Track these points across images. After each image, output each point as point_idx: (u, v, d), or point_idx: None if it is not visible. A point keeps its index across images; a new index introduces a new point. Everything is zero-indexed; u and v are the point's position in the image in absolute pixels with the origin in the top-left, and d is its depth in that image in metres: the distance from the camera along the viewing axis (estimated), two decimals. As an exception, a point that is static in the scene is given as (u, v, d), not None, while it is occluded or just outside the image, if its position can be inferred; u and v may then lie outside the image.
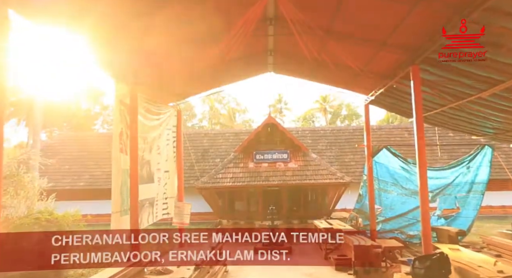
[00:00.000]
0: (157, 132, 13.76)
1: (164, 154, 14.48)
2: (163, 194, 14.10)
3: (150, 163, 13.16)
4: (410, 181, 15.20)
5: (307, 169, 18.12)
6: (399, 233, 15.13)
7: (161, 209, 13.82)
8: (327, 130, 28.21)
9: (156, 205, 13.53)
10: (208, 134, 28.28)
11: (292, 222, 17.93)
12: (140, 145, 12.11)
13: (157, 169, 13.73)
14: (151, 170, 13.28)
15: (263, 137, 18.83)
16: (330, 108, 53.87)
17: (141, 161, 12.30)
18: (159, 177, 13.89)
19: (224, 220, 18.06)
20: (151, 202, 13.01)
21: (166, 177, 14.31)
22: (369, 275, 9.22)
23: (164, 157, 14.40)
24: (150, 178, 13.09)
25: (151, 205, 13.08)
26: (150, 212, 12.89)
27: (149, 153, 13.10)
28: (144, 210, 12.24)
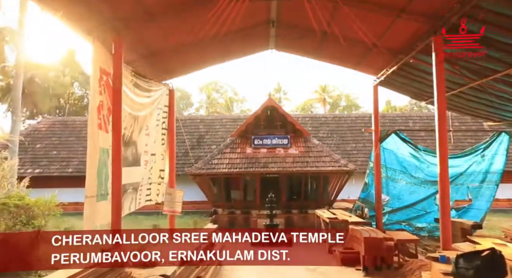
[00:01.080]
0: (148, 111, 12.56)
1: (153, 135, 13.30)
2: (148, 179, 12.96)
3: (137, 144, 11.98)
4: (420, 169, 14.13)
5: (308, 156, 16.98)
6: (407, 225, 14.09)
7: (144, 195, 12.67)
8: (328, 118, 27.11)
9: (141, 190, 12.39)
10: (204, 120, 27.16)
11: (292, 211, 16.82)
12: (129, 123, 10.94)
13: (144, 151, 12.55)
14: (138, 151, 12.11)
15: (262, 121, 17.63)
16: (329, 99, 53.20)
17: (127, 140, 11.13)
18: (146, 160, 12.72)
19: (219, 209, 16.93)
20: (135, 187, 11.86)
21: (152, 161, 13.16)
22: (380, 272, 8.12)
23: (152, 139, 13.22)
24: (136, 160, 11.91)
25: (135, 191, 11.93)
26: (134, 198, 11.75)
27: (138, 133, 11.92)
28: (127, 195, 11.08)
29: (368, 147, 24.42)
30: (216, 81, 58.84)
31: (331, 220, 11.17)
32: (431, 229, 13.92)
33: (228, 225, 16.65)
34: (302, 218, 16.69)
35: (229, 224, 16.68)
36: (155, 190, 13.36)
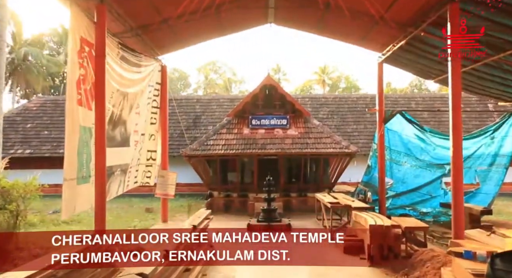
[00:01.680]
0: (139, 88, 11.78)
1: (144, 114, 12.54)
2: (137, 160, 12.24)
3: (127, 124, 11.23)
4: (425, 152, 13.44)
5: (308, 137, 16.25)
6: (411, 210, 13.46)
7: (133, 177, 11.97)
8: (329, 98, 26.29)
9: (130, 172, 11.68)
10: (200, 100, 26.33)
11: (291, 195, 16.16)
12: (117, 101, 10.17)
13: (134, 130, 11.81)
14: (127, 131, 11.37)
15: (261, 101, 16.83)
16: (328, 80, 52.55)
17: (116, 119, 10.39)
18: (136, 140, 11.99)
19: (215, 192, 16.27)
20: (124, 169, 11.14)
21: (141, 141, 12.43)
22: (387, 262, 7.46)
23: (143, 118, 12.47)
24: (125, 140, 11.18)
25: (124, 173, 11.22)
26: (122, 181, 11.04)
27: (128, 111, 11.16)
28: (115, 178, 10.38)
29: (370, 128, 23.70)
30: (214, 62, 58.18)
31: (332, 204, 10.50)
32: (436, 214, 13.29)
33: (224, 208, 16.02)
34: (301, 201, 16.04)
35: (225, 207, 16.04)
36: (142, 172, 12.65)
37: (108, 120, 10.07)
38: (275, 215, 12.07)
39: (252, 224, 11.56)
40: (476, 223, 10.95)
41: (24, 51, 34.72)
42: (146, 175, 13.10)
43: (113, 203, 18.68)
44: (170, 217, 14.79)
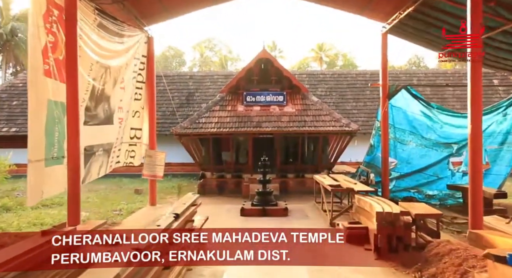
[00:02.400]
0: (123, 61, 10.76)
1: (129, 89, 11.56)
2: (121, 139, 11.32)
3: (111, 99, 10.26)
4: (432, 130, 12.56)
5: (306, 114, 15.31)
6: (416, 192, 12.66)
7: (116, 157, 11.07)
8: (327, 75, 25.24)
9: (114, 152, 10.76)
10: (194, 77, 25.21)
11: (287, 175, 15.32)
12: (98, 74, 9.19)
13: (118, 107, 10.84)
14: (111, 108, 10.40)
15: (256, 76, 15.80)
16: (326, 58, 51.65)
17: (98, 94, 9.42)
18: (121, 118, 11.04)
19: (207, 172, 15.40)
20: (107, 148, 10.23)
21: (126, 118, 11.49)
22: (396, 255, 6.63)
23: (128, 93, 11.49)
24: (108, 118, 10.24)
25: (107, 153, 10.30)
26: (105, 161, 10.13)
27: (112, 86, 10.18)
28: (96, 159, 9.46)
29: (370, 106, 22.77)
30: (210, 39, 57.31)
31: (333, 188, 9.64)
32: (443, 197, 12.50)
33: (218, 190, 15.18)
34: (298, 182, 15.20)
35: (219, 189, 15.20)
36: (126, 151, 11.73)
37: (90, 96, 9.14)
38: (270, 198, 11.24)
39: (246, 208, 10.73)
40: (488, 207, 10.14)
41: (12, 26, 33.42)
42: (130, 155, 12.19)
43: (101, 184, 17.83)
44: (159, 199, 13.95)
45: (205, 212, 11.12)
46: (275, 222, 9.68)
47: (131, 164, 12.28)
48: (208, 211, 11.39)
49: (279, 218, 10.21)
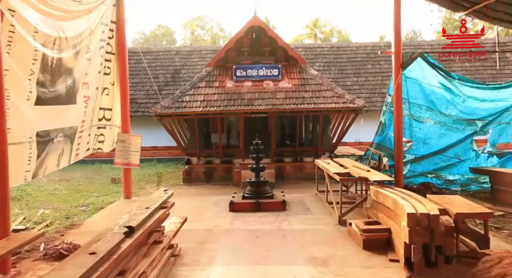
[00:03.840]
0: (85, 25, 8.76)
1: (97, 61, 9.62)
2: (90, 122, 9.42)
3: (74, 73, 8.31)
4: (452, 105, 10.77)
5: (304, 90, 13.42)
6: (434, 177, 10.95)
7: (85, 143, 9.20)
8: (325, 48, 23.32)
9: (80, 138, 8.86)
10: (180, 52, 23.23)
11: (284, 160, 13.52)
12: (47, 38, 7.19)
13: (83, 82, 8.87)
14: (75, 84, 8.45)
15: (246, 47, 13.82)
16: (320, 34, 50.17)
17: (54, 65, 7.45)
18: (87, 96, 9.09)
19: (193, 158, 13.56)
20: (69, 133, 8.34)
21: (95, 97, 9.58)
22: (436, 270, 4.88)
23: (95, 66, 9.54)
24: (70, 96, 8.29)
25: (69, 139, 8.37)
26: (66, 150, 8.24)
27: (73, 56, 8.21)
28: (54, 146, 7.58)
29: (372, 81, 20.96)
30: (201, 17, 55.81)
31: (342, 177, 7.83)
32: (465, 182, 10.78)
33: (205, 177, 13.39)
34: (297, 168, 13.43)
35: (206, 176, 13.40)
36: (94, 136, 9.86)
37: (41, 66, 7.17)
38: (265, 189, 9.45)
39: (236, 202, 8.93)
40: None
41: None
42: (98, 139, 10.29)
43: (78, 171, 16.02)
44: (139, 189, 12.21)
45: (187, 206, 9.37)
46: (271, 220, 7.90)
47: (99, 150, 10.41)
48: (191, 205, 9.63)
49: (276, 214, 8.44)
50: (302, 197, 10.22)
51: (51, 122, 7.52)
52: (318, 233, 7.01)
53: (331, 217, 8.12)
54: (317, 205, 9.34)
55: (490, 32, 39.57)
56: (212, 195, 11.02)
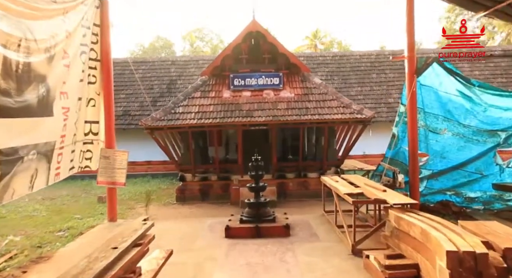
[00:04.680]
0: (62, 27, 7.75)
1: (78, 68, 8.58)
2: (72, 137, 8.35)
3: (48, 81, 7.25)
4: (472, 114, 9.71)
5: (308, 100, 12.39)
6: (453, 195, 9.86)
7: (68, 161, 8.13)
8: (327, 57, 22.39)
9: (60, 155, 7.78)
10: (176, 62, 22.30)
11: (286, 176, 12.45)
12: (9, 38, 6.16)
13: (61, 92, 7.81)
14: (50, 93, 7.37)
15: (244, 54, 12.81)
16: (320, 45, 49.60)
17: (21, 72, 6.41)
18: (66, 107, 8.02)
19: (187, 174, 12.49)
20: (44, 150, 7.25)
21: (77, 108, 8.53)
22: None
23: (76, 74, 8.49)
24: (44, 106, 7.20)
25: (45, 157, 7.27)
26: (42, 170, 7.15)
27: (46, 61, 7.16)
28: (25, 166, 6.50)
29: (377, 90, 19.97)
30: (200, 29, 55.59)
31: (356, 199, 6.75)
32: (488, 200, 9.70)
33: (201, 196, 12.31)
34: (300, 184, 12.34)
35: (202, 194, 12.32)
36: (80, 152, 8.81)
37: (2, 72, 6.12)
38: (265, 211, 8.35)
39: (233, 227, 7.83)
40: None
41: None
42: (85, 156, 9.24)
43: (65, 188, 14.93)
44: (127, 209, 11.12)
45: (177, 231, 8.28)
46: (273, 250, 6.79)
47: (87, 168, 9.35)
48: (182, 229, 8.53)
49: (278, 241, 7.35)
50: (307, 219, 9.13)
51: (19, 138, 6.44)
52: (328, 267, 5.91)
53: (342, 244, 7.03)
54: (325, 229, 8.23)
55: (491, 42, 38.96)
56: (207, 216, 9.92)
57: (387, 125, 17.89)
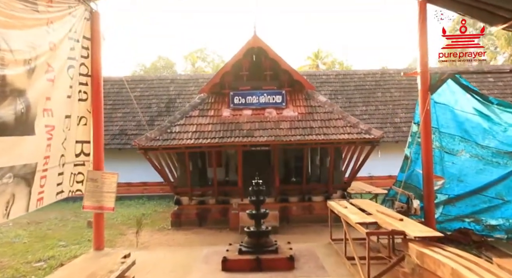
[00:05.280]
0: (46, 38, 7.08)
1: (64, 84, 7.86)
2: (59, 158, 7.58)
3: (28, 96, 6.51)
4: (491, 135, 9.00)
5: (312, 119, 11.69)
6: (473, 222, 9.03)
7: (54, 184, 7.35)
8: (331, 76, 21.84)
9: (43, 179, 6.99)
10: (175, 81, 21.76)
11: (289, 199, 11.68)
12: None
13: (44, 109, 7.08)
14: (31, 110, 6.63)
15: (245, 70, 12.16)
16: (322, 65, 49.52)
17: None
18: (50, 126, 7.25)
19: (184, 197, 11.72)
20: (22, 173, 6.44)
21: (64, 127, 7.78)
22: None
23: (62, 90, 7.77)
24: (23, 124, 6.45)
25: (23, 180, 6.46)
26: (21, 195, 6.33)
27: (25, 75, 6.44)
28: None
29: (382, 110, 19.30)
30: (202, 50, 55.56)
31: (370, 231, 5.96)
32: (511, 228, 8.86)
33: (198, 220, 11.52)
34: (304, 209, 11.56)
35: (199, 219, 11.53)
36: (71, 175, 8.04)
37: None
38: (267, 240, 7.54)
39: (230, 259, 7.02)
40: None
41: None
42: (76, 179, 8.44)
43: (54, 211, 14.06)
44: (117, 236, 10.32)
45: (169, 263, 7.46)
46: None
47: (79, 192, 8.55)
48: (175, 260, 7.71)
49: (282, 275, 6.57)
50: (313, 248, 8.31)
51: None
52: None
53: (354, 281, 6.21)
54: (334, 261, 7.42)
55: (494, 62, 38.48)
56: (204, 244, 9.10)
57: (393, 146, 17.18)
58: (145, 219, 12.80)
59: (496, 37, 36.94)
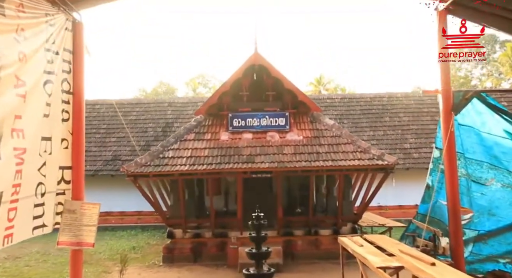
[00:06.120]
0: (11, 48, 6.10)
1: (40, 101, 6.82)
2: (36, 186, 6.43)
3: None
4: (525, 161, 7.86)
5: (319, 143, 10.65)
6: (509, 263, 7.80)
7: (28, 218, 6.19)
8: (336, 99, 20.95)
9: (12, 211, 5.83)
10: (173, 104, 20.90)
11: (294, 233, 10.54)
12: None
13: (12, 129, 6.03)
14: None
15: (245, 90, 11.19)
16: (325, 91, 49.13)
17: None
18: (20, 148, 6.17)
19: (177, 229, 10.58)
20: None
21: (42, 151, 6.67)
22: None
23: (37, 107, 6.71)
24: None
25: None
26: None
27: None
28: None
29: (391, 135, 18.29)
30: (203, 75, 55.66)
31: (396, 277, 4.85)
32: (551, 270, 7.69)
33: (192, 256, 10.36)
34: (311, 243, 10.41)
35: (194, 254, 10.37)
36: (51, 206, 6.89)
37: None
38: (270, 286, 6.38)
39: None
40: None
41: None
42: (57, 210, 7.33)
43: (39, 243, 12.80)
44: (101, 274, 9.12)
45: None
46: None
47: (57, 225, 7.41)
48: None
49: None
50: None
51: None
52: None
53: None
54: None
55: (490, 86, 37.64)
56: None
57: (404, 174, 16.08)
58: (136, 253, 11.65)
59: (500, 63, 36.35)
